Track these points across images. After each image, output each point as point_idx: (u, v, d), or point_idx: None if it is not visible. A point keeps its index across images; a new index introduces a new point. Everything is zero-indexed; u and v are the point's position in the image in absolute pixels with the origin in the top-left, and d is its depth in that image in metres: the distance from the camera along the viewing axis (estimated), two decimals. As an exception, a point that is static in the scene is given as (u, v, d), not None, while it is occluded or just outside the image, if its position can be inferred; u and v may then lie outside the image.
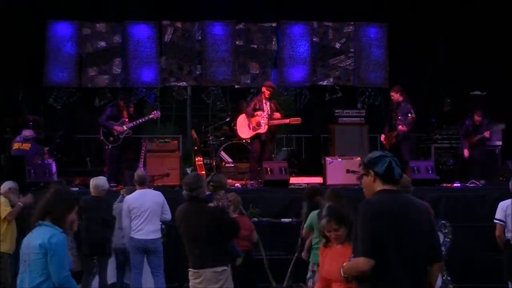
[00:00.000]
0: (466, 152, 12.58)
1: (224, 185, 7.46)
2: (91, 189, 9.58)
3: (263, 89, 12.72)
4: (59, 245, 4.78)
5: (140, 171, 10.09)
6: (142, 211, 9.16)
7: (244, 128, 12.80)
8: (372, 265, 4.21)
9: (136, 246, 9.10)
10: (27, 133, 12.03)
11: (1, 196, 9.35)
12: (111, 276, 9.76)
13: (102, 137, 12.54)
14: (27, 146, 11.81)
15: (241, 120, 12.90)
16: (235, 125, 13.22)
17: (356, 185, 11.35)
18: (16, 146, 11.78)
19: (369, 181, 4.48)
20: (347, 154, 12.62)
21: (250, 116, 12.62)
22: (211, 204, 6.64)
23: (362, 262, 4.23)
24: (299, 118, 12.92)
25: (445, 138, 13.81)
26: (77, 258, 9.33)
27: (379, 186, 4.45)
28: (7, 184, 9.55)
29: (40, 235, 4.81)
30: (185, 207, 6.52)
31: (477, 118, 12.78)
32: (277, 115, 12.57)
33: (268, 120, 12.50)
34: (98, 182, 9.58)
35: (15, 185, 9.66)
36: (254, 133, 12.64)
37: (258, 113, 12.59)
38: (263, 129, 12.55)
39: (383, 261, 4.22)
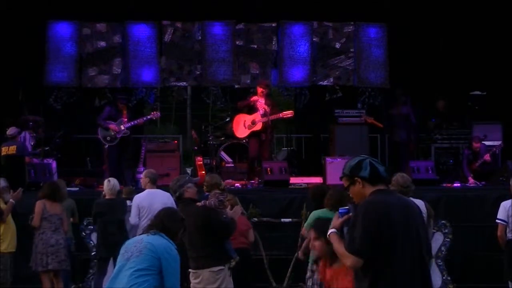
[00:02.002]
0: (471, 180, 12.60)
1: (216, 185, 7.47)
2: (106, 192, 9.57)
3: (258, 88, 12.77)
4: (176, 259, 5.12)
5: (152, 170, 10.09)
6: (151, 211, 9.16)
7: (240, 128, 12.81)
8: (359, 266, 4.19)
9: None
10: (9, 131, 11.90)
11: None
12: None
13: (99, 137, 12.57)
14: (12, 149, 11.71)
15: (237, 119, 12.90)
16: (231, 125, 13.22)
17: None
18: (3, 151, 11.70)
19: (358, 188, 4.39)
20: (347, 154, 12.62)
21: (242, 110, 12.64)
22: (199, 204, 6.67)
23: (352, 260, 4.20)
24: (291, 111, 12.94)
25: (445, 138, 13.82)
26: (68, 257, 9.33)
27: (370, 189, 4.37)
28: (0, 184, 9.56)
29: (157, 240, 5.09)
30: (179, 208, 6.59)
31: (475, 145, 12.81)
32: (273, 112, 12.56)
33: (263, 117, 12.51)
34: (113, 184, 9.57)
35: (6, 183, 9.67)
36: (250, 131, 12.64)
37: (253, 111, 12.61)
38: (258, 126, 12.56)
39: (387, 260, 4.20)
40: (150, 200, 9.22)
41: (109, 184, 9.58)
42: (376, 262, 4.19)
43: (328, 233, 4.45)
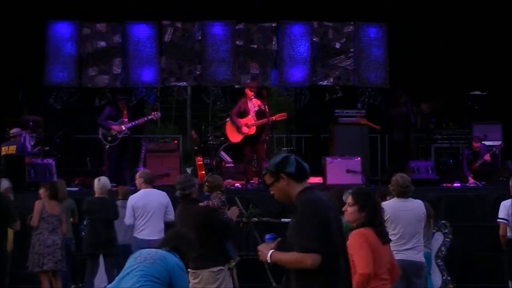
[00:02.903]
0: (471, 180, 12.62)
1: (218, 186, 7.47)
2: (96, 190, 9.58)
3: (246, 90, 12.75)
4: (186, 278, 5.19)
5: (146, 170, 10.10)
6: (146, 211, 9.17)
7: (233, 132, 12.78)
8: (319, 262, 4.19)
9: (139, 246, 9.08)
10: (13, 130, 11.95)
11: None
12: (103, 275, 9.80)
13: (100, 137, 12.58)
14: (12, 149, 11.73)
15: (230, 124, 12.87)
16: (224, 130, 13.18)
17: (356, 185, 11.35)
18: (3, 151, 11.73)
19: (283, 185, 4.41)
20: (347, 154, 12.64)
21: (235, 120, 12.63)
22: (201, 204, 6.66)
23: (312, 258, 4.18)
24: (284, 114, 12.96)
25: (445, 138, 13.82)
26: (64, 258, 9.34)
27: (296, 186, 4.39)
28: (4, 184, 9.55)
29: (170, 256, 5.11)
30: (180, 208, 6.58)
31: (475, 145, 12.82)
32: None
33: (256, 120, 12.52)
34: (103, 182, 9.58)
35: (10, 184, 9.67)
36: (243, 136, 12.61)
37: (245, 115, 12.60)
38: (252, 130, 12.54)
39: (332, 256, 4.25)
40: (145, 200, 9.23)
41: (99, 183, 9.59)
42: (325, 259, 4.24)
43: (269, 255, 4.41)
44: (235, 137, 12.77)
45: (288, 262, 4.33)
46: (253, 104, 12.59)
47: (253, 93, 12.61)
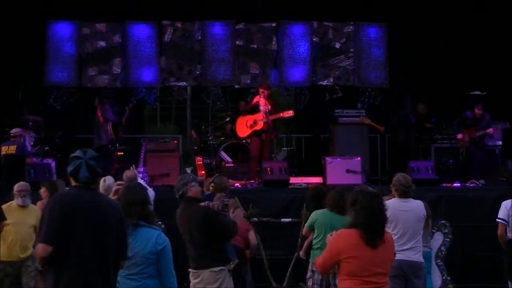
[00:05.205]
0: (459, 136, 12.76)
1: (224, 188, 7.46)
2: (101, 191, 9.54)
3: (260, 89, 12.97)
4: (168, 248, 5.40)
5: (130, 171, 10.07)
6: None
7: (242, 127, 12.97)
8: (50, 252, 4.37)
9: None
10: (13, 130, 11.94)
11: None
12: None
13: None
14: (12, 149, 11.71)
15: (240, 121, 13.07)
16: (234, 126, 13.31)
17: (356, 185, 11.35)
18: (3, 151, 11.72)
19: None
20: (347, 154, 12.65)
21: (245, 114, 12.80)
22: (202, 204, 6.64)
23: (41, 248, 4.41)
24: (291, 111, 13.05)
25: (445, 138, 13.82)
26: None
27: (73, 182, 4.63)
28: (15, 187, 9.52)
29: (146, 231, 5.30)
30: (180, 208, 6.57)
31: (477, 111, 12.82)
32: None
33: (265, 117, 12.62)
34: (108, 184, 9.53)
35: (17, 187, 9.63)
36: (251, 130, 12.76)
37: (256, 112, 12.75)
38: (259, 126, 12.66)
39: (69, 250, 4.37)
40: None
41: (104, 184, 9.54)
42: (59, 255, 4.37)
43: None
44: (243, 132, 12.93)
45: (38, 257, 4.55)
46: (263, 102, 12.71)
47: (265, 91, 12.81)
